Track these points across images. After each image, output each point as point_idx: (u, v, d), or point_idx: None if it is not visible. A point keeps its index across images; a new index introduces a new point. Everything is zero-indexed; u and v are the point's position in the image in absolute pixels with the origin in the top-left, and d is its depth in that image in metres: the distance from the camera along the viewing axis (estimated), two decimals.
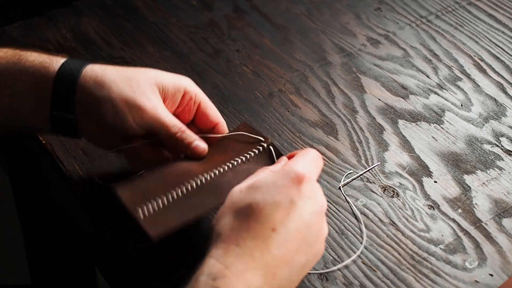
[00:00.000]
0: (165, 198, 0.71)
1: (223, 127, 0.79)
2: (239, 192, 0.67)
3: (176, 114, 0.77)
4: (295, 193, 0.66)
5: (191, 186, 0.73)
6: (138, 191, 0.72)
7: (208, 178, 0.74)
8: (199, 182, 0.73)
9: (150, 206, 0.71)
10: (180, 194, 0.72)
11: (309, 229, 0.66)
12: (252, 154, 0.77)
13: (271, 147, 0.77)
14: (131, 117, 0.73)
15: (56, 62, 0.75)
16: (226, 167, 0.75)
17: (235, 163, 0.76)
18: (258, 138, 0.78)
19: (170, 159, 0.77)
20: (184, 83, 0.77)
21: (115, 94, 0.73)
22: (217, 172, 0.74)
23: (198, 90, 0.78)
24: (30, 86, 0.75)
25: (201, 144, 0.76)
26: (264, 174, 0.69)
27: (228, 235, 0.64)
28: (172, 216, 0.71)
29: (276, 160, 0.77)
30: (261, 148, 0.77)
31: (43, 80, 0.75)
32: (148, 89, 0.74)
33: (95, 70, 0.75)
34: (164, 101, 0.76)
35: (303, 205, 0.66)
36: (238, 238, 0.64)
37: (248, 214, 0.65)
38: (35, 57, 0.76)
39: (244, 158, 0.76)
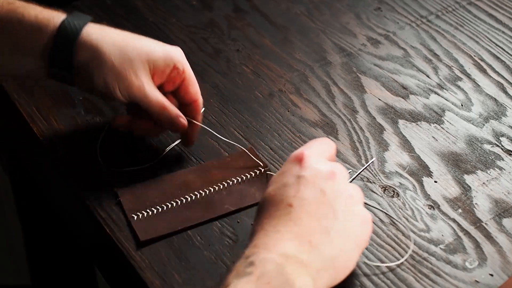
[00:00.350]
0: (159, 208, 0.79)
1: (200, 105, 0.84)
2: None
3: (162, 84, 0.83)
4: (298, 170, 0.68)
5: (186, 200, 0.79)
6: (137, 198, 0.80)
7: (203, 194, 0.80)
8: (193, 197, 0.80)
9: (144, 213, 0.78)
10: (174, 205, 0.79)
11: (325, 193, 0.67)
12: (248, 176, 0.82)
13: (268, 173, 0.82)
14: (119, 91, 0.79)
15: (56, 19, 0.79)
16: (221, 186, 0.81)
17: (231, 182, 0.81)
18: (257, 162, 0.83)
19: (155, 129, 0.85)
20: (174, 57, 0.82)
21: (107, 69, 0.79)
22: (212, 189, 0.81)
23: (186, 64, 0.83)
24: (29, 42, 0.79)
25: (181, 121, 0.82)
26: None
27: (255, 229, 0.66)
28: (162, 224, 0.78)
29: None
30: (257, 172, 0.83)
31: (42, 37, 0.79)
32: (138, 67, 0.79)
33: (93, 39, 0.79)
34: (153, 75, 0.81)
35: (310, 175, 0.67)
36: (262, 225, 0.66)
37: (265, 205, 0.67)
38: (35, 12, 0.79)
39: (239, 179, 0.82)
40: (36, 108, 0.93)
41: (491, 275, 0.73)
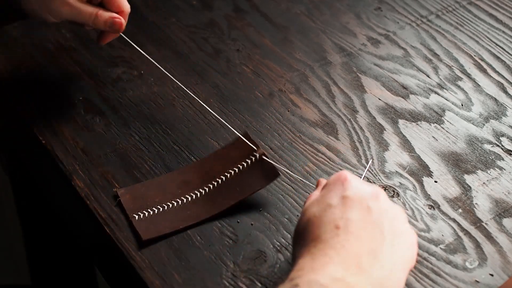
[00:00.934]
0: (160, 208, 0.79)
1: (126, 15, 0.89)
2: (299, 220, 0.69)
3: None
4: (342, 190, 0.68)
5: (187, 199, 0.80)
6: (138, 198, 0.80)
7: (203, 192, 0.80)
8: (194, 196, 0.80)
9: (146, 212, 0.78)
10: (175, 204, 0.79)
11: (372, 213, 0.66)
12: (245, 164, 0.81)
13: (263, 157, 0.81)
14: (51, 15, 0.86)
15: None
16: (220, 180, 0.81)
17: (229, 175, 0.81)
18: (251, 147, 0.82)
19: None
20: None
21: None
22: (211, 186, 0.81)
23: None
24: None
25: (116, 20, 0.87)
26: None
27: (300, 252, 0.65)
28: (164, 223, 0.78)
29: (267, 171, 0.81)
30: (253, 158, 0.82)
31: None
32: None
33: None
34: None
35: (354, 195, 0.67)
36: (308, 248, 0.64)
37: (310, 227, 0.66)
38: None
39: (237, 170, 0.81)
40: (36, 108, 0.93)
41: (491, 275, 0.73)
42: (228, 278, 0.73)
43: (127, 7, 0.89)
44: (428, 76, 0.97)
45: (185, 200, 0.80)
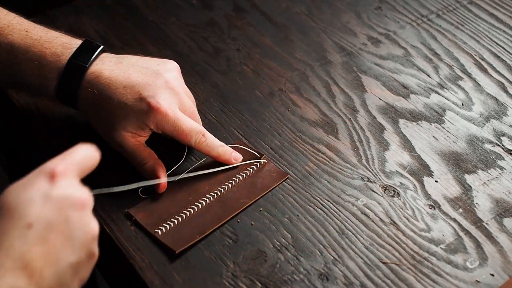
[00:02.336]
0: (179, 218, 0.78)
1: (201, 148, 0.83)
2: None
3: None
4: (48, 188, 0.61)
5: (202, 205, 0.80)
6: (152, 213, 0.79)
7: (215, 196, 0.81)
8: (208, 201, 0.80)
9: (167, 225, 0.78)
10: (192, 212, 0.79)
11: (69, 224, 0.61)
12: (251, 170, 0.83)
13: (266, 161, 0.84)
14: (111, 144, 0.83)
15: (64, 55, 0.82)
16: (229, 184, 0.82)
17: (237, 179, 0.82)
18: (254, 154, 0.85)
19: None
20: (147, 125, 0.81)
21: (94, 118, 0.83)
22: (222, 190, 0.81)
23: (162, 128, 0.81)
24: (37, 73, 0.81)
25: (156, 186, 0.81)
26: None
27: None
28: (189, 232, 0.77)
29: (275, 172, 0.83)
30: (258, 164, 0.84)
31: (48, 83, 0.82)
32: (112, 134, 0.81)
33: (97, 82, 0.81)
34: (133, 132, 0.82)
35: (58, 199, 0.61)
36: None
37: (1, 216, 0.60)
38: (46, 44, 0.82)
39: (244, 175, 0.83)
40: (36, 108, 0.93)
41: (492, 275, 0.73)
42: (228, 278, 0.73)
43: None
44: (428, 76, 0.96)
45: (200, 205, 0.80)
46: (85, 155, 0.65)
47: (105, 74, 0.81)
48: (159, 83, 0.80)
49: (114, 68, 0.82)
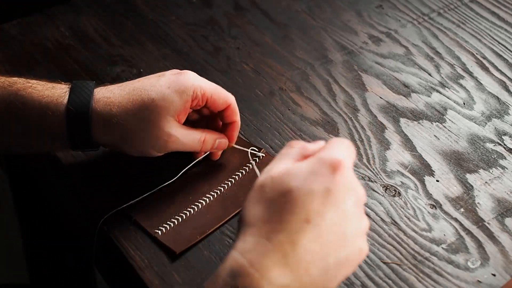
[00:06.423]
0: (179, 218, 0.78)
1: (235, 107, 0.81)
2: (270, 179, 0.61)
3: (190, 112, 0.80)
4: (331, 181, 0.60)
5: (202, 204, 0.79)
6: (152, 213, 0.79)
7: (215, 195, 0.80)
8: (208, 200, 0.79)
9: (167, 226, 0.77)
10: (192, 212, 0.78)
11: (347, 221, 0.60)
12: (250, 166, 0.83)
13: (265, 155, 0.83)
14: (154, 150, 0.79)
15: (61, 100, 0.77)
16: (229, 183, 0.81)
17: (237, 177, 0.82)
18: (253, 148, 0.84)
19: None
20: (190, 94, 0.78)
21: (130, 139, 0.78)
22: (222, 188, 0.80)
23: (201, 87, 0.78)
24: (40, 126, 0.77)
25: (222, 143, 0.81)
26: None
27: (259, 227, 0.59)
28: (190, 232, 0.77)
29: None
30: (257, 159, 0.83)
31: (53, 122, 0.77)
32: (158, 122, 0.77)
33: (104, 115, 0.77)
34: (178, 116, 0.78)
35: (340, 194, 0.60)
36: (269, 232, 0.58)
37: (281, 204, 0.59)
38: (38, 95, 0.77)
39: (244, 172, 0.82)
40: None
41: (494, 275, 0.73)
42: None
43: (233, 101, 0.82)
44: (429, 75, 0.96)
45: (200, 205, 0.79)
46: (350, 146, 0.64)
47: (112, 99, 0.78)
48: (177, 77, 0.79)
49: (116, 89, 0.79)
